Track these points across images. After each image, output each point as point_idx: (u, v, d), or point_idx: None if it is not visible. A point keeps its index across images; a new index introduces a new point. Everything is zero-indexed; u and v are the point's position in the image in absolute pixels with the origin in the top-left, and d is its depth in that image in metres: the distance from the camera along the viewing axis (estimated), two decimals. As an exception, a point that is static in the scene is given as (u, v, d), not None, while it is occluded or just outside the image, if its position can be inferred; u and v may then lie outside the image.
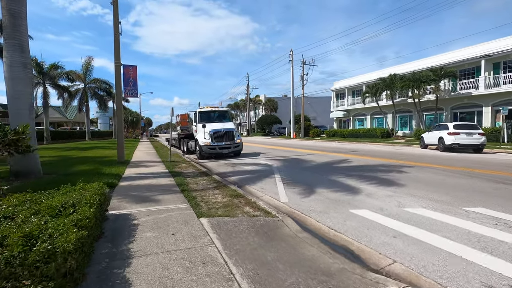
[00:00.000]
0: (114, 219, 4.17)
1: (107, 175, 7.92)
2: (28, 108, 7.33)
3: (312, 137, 34.92)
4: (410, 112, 27.75)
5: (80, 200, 3.24)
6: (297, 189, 6.46)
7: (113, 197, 5.55)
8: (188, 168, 10.07)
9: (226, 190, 6.14)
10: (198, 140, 13.48)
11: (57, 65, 28.49)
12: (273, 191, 6.37)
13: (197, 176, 8.23)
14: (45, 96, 27.42)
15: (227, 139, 13.42)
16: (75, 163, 11.09)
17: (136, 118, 58.30)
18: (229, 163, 11.63)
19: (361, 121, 33.86)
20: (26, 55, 7.29)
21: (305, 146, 21.05)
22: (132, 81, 11.78)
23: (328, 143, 24.77)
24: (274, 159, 12.42)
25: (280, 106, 56.15)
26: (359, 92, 33.84)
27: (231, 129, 13.63)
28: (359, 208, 4.88)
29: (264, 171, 9.20)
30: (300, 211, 4.81)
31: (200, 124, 13.87)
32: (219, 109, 15.11)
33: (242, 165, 11.03)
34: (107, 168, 9.55)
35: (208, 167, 10.66)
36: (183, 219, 4.14)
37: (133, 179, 7.60)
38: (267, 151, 17.09)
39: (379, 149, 17.12)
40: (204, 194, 5.80)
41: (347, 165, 10.23)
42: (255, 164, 11.15)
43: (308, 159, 12.11)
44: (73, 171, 8.62)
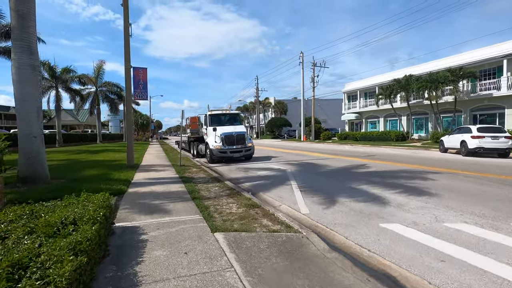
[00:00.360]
0: (120, 232, 3.80)
1: (116, 180, 7.62)
2: (36, 111, 7.11)
3: (323, 140, 34.23)
4: (425, 114, 26.79)
5: (82, 216, 2.87)
6: (317, 198, 5.98)
7: (120, 206, 5.21)
8: (199, 173, 9.71)
9: (241, 199, 5.72)
10: (209, 143, 13.14)
11: (70, 69, 28.83)
12: (291, 200, 5.91)
13: (209, 182, 7.85)
14: (58, 100, 27.72)
15: (238, 142, 13.04)
16: (84, 167, 10.89)
17: (146, 121, 58.75)
18: (241, 168, 11.22)
19: (374, 124, 32.98)
20: (34, 57, 7.08)
21: (317, 149, 20.47)
22: (142, 84, 11.55)
23: (340, 146, 24.11)
24: (288, 164, 11.94)
25: (290, 108, 55.57)
26: (371, 94, 33.00)
27: (243, 132, 13.24)
28: (390, 221, 4.37)
29: (279, 177, 8.75)
30: (324, 225, 4.34)
31: (210, 127, 13.53)
32: (230, 112, 14.77)
33: (254, 170, 10.60)
34: (116, 172, 9.28)
35: (220, 172, 10.28)
36: (196, 234, 3.74)
37: (142, 185, 7.27)
38: (279, 154, 16.62)
39: (396, 153, 16.42)
40: (217, 203, 5.40)
41: (366, 170, 9.67)
42: (268, 169, 10.70)
43: (323, 164, 11.59)
44: (82, 176, 8.37)
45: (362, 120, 34.23)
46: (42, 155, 7.25)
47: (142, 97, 11.60)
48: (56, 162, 13.09)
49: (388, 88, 25.16)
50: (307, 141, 35.33)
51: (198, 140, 16.67)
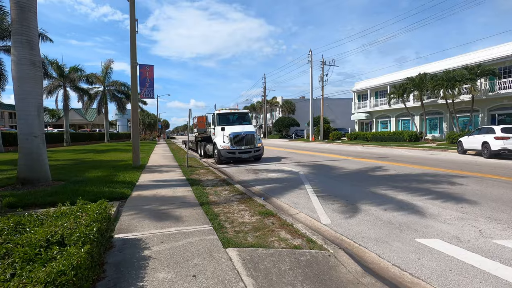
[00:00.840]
0: (120, 246, 3.33)
1: (120, 183, 7.21)
2: (36, 109, 6.74)
3: (332, 140, 33.49)
4: (440, 114, 25.84)
5: (72, 232, 2.41)
6: (337, 205, 5.44)
7: (123, 212, 4.76)
8: (207, 174, 9.25)
9: (253, 205, 5.22)
10: (217, 143, 12.69)
11: (78, 68, 28.82)
12: (308, 206, 5.38)
13: (217, 185, 7.37)
14: (66, 99, 27.71)
15: (247, 143, 12.54)
16: (89, 167, 10.55)
17: (154, 120, 58.79)
18: (250, 169, 10.72)
19: (385, 124, 32.08)
20: (35, 52, 6.71)
21: (328, 150, 19.84)
22: (148, 81, 11.16)
23: (351, 147, 23.40)
24: (299, 165, 11.40)
25: (298, 108, 54.88)
26: (382, 93, 32.12)
27: (252, 132, 12.74)
28: (427, 235, 3.81)
29: (291, 180, 8.22)
30: (351, 239, 3.80)
31: (218, 126, 13.07)
32: (239, 111, 14.29)
33: (264, 171, 10.09)
34: (120, 174, 8.89)
35: (228, 174, 9.80)
36: (206, 250, 3.25)
37: (147, 188, 6.84)
38: (288, 155, 16.07)
39: (411, 154, 15.68)
40: (227, 210, 4.91)
41: (385, 173, 9.06)
42: (279, 171, 10.17)
43: (336, 166, 11.00)
44: (85, 177, 7.99)
45: (373, 119, 33.35)
46: (43, 155, 6.88)
47: (148, 95, 11.21)
48: (62, 162, 12.82)
49: (401, 87, 24.29)
50: (315, 141, 34.64)
51: (206, 140, 16.24)
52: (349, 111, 52.51)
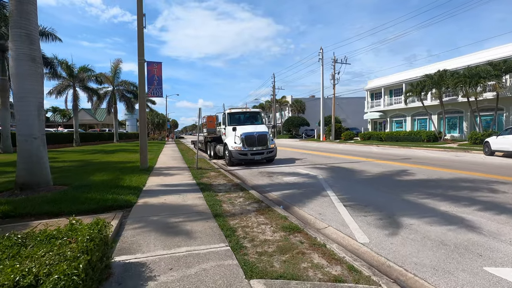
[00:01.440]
0: (121, 274, 2.72)
1: (125, 188, 6.65)
2: (36, 109, 6.24)
3: (344, 140, 32.52)
4: (459, 113, 24.61)
5: (51, 270, 1.79)
6: (370, 217, 4.72)
7: (126, 226, 4.17)
8: (218, 178, 8.64)
9: (274, 216, 4.57)
10: (228, 144, 12.07)
11: (87, 68, 28.70)
12: (337, 219, 4.68)
13: (230, 190, 6.74)
14: (75, 99, 27.62)
15: (260, 143, 11.88)
16: (95, 170, 10.09)
17: (163, 120, 58.79)
18: (264, 172, 10.06)
19: (399, 123, 30.90)
20: (35, 47, 6.21)
21: (343, 150, 19.00)
22: (157, 79, 10.63)
23: (365, 147, 22.47)
24: (316, 168, 10.67)
25: (307, 107, 53.95)
26: (397, 91, 30.96)
27: (264, 132, 12.08)
28: (497, 262, 3.07)
29: (311, 185, 7.51)
30: (401, 265, 3.09)
31: (230, 126, 12.46)
32: (250, 110, 13.65)
33: (279, 174, 9.41)
34: (127, 177, 8.37)
35: (241, 177, 9.17)
36: (224, 282, 2.60)
37: (154, 194, 6.26)
38: (302, 156, 15.34)
39: (434, 155, 14.73)
40: (245, 223, 4.26)
41: (413, 178, 8.25)
42: (294, 174, 9.48)
43: (356, 169, 10.23)
44: (89, 181, 7.48)
45: (387, 119, 32.21)
46: (43, 158, 6.38)
47: (156, 93, 10.67)
48: (68, 163, 12.44)
49: (419, 85, 23.17)
50: (326, 141, 33.74)
51: (216, 140, 15.67)
52: (360, 110, 51.25)
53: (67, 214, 4.69)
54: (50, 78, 25.84)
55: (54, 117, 53.34)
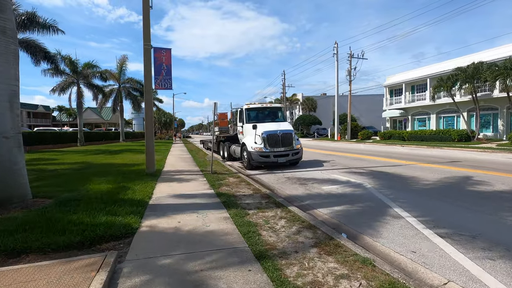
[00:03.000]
0: None
1: (126, 202, 5.07)
2: (7, 99, 4.70)
3: (362, 139, 30.59)
4: (493, 110, 22.46)
5: None
6: (501, 260, 3.02)
7: (122, 277, 2.57)
8: (240, 185, 7.03)
9: (349, 259, 2.93)
10: (246, 144, 10.44)
11: (92, 64, 27.43)
12: (448, 264, 3.00)
13: (262, 205, 5.12)
14: (79, 96, 26.35)
15: (284, 144, 10.22)
16: (93, 174, 8.58)
17: (170, 119, 57.59)
18: (292, 178, 8.41)
19: (423, 121, 28.79)
20: (5, 15, 4.66)
21: (368, 151, 17.19)
22: (165, 69, 9.07)
23: (390, 147, 20.58)
24: (353, 173, 8.96)
25: (319, 105, 52.00)
26: (420, 87, 28.85)
27: (290, 131, 10.41)
28: None
29: (364, 198, 5.82)
30: None
31: (248, 124, 10.83)
32: (271, 105, 11.96)
33: (313, 181, 7.73)
34: (130, 184, 6.82)
35: (268, 185, 7.53)
36: None
37: (164, 212, 4.67)
38: (326, 157, 13.62)
39: (482, 157, 12.83)
40: (313, 277, 2.61)
41: (492, 188, 6.47)
42: (332, 181, 7.79)
43: (405, 174, 8.48)
44: (81, 192, 5.93)
45: (408, 117, 30.12)
46: (18, 164, 4.84)
47: (165, 85, 9.10)
48: (66, 166, 10.99)
49: (450, 79, 21.12)
50: (342, 140, 31.86)
51: (230, 140, 14.07)
52: (373, 108, 49.07)
53: (36, 251, 3.13)
54: (53, 74, 24.66)
55: (60, 116, 52.59)
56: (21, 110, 42.34)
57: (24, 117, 47.67)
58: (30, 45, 18.03)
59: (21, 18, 17.26)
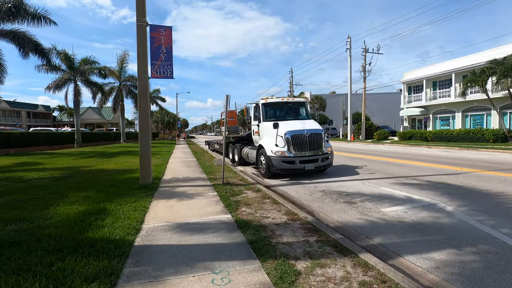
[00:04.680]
0: None
1: (95, 247, 3.12)
2: None
3: (378, 139, 28.44)
4: (530, 107, 20.22)
5: None
6: None
7: None
8: (265, 205, 5.10)
9: None
10: (265, 147, 8.48)
11: (90, 60, 25.64)
12: None
13: (314, 250, 3.20)
14: (76, 94, 24.60)
15: (312, 146, 8.23)
16: (72, 187, 6.69)
17: (173, 118, 55.85)
18: (329, 191, 6.42)
19: (446, 120, 26.54)
20: None
21: (396, 154, 15.12)
22: (164, 52, 7.15)
23: (417, 149, 18.46)
24: (408, 185, 6.94)
25: (328, 104, 49.82)
26: (443, 83, 26.61)
27: (319, 130, 8.43)
28: None
29: (462, 232, 3.82)
30: None
31: (267, 122, 8.90)
32: (293, 100, 9.94)
33: (362, 198, 5.74)
34: (114, 204, 4.92)
35: (301, 204, 5.57)
36: None
37: (155, 271, 2.72)
38: (354, 162, 11.61)
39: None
40: None
41: None
42: (389, 198, 5.78)
43: (482, 188, 6.44)
44: (34, 223, 4.00)
45: (429, 115, 27.89)
46: None
47: (164, 73, 7.16)
48: (46, 173, 9.12)
49: (485, 72, 18.94)
50: (356, 141, 29.75)
51: (241, 141, 12.16)
52: (384, 107, 46.77)
53: None
54: (48, 70, 22.97)
55: (61, 116, 51.15)
56: (20, 110, 40.88)
57: (23, 117, 46.27)
58: (17, 36, 16.26)
59: (7, 5, 15.49)
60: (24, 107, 46.81)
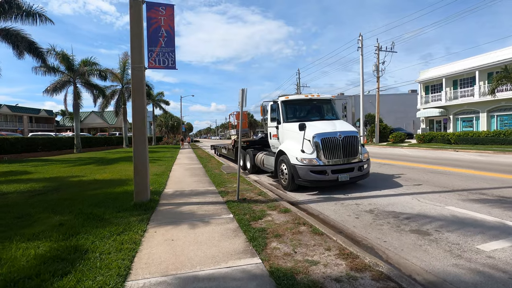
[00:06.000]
0: None
1: None
2: None
3: (394, 142, 26.71)
4: None
5: None
6: None
7: None
8: (303, 238, 3.60)
9: None
10: (287, 153, 6.95)
11: (91, 61, 24.45)
12: None
13: None
14: (76, 97, 23.41)
15: (347, 152, 6.68)
16: (49, 206, 5.26)
17: (177, 122, 54.64)
18: (380, 212, 4.87)
19: (469, 121, 24.72)
20: None
21: (426, 159, 13.49)
22: (165, 36, 5.73)
23: (444, 153, 16.77)
24: (483, 202, 5.35)
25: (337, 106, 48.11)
26: (465, 82, 24.84)
27: (353, 132, 6.89)
28: None
29: None
30: None
31: (289, 123, 7.41)
32: (319, 97, 8.35)
33: (434, 224, 4.18)
34: (91, 239, 3.47)
35: (352, 234, 4.02)
36: None
37: None
38: (384, 169, 10.02)
39: None
40: None
41: None
42: (480, 226, 4.20)
43: None
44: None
45: (449, 116, 26.09)
46: None
47: (164, 62, 5.72)
48: (30, 185, 7.71)
49: (520, 67, 17.22)
50: (369, 144, 28.04)
51: (254, 145, 10.68)
52: (395, 109, 44.96)
53: None
54: (46, 72, 21.82)
55: (64, 120, 50.27)
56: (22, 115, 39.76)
57: (25, 122, 45.39)
58: (10, 33, 15.07)
59: (-2, 0, 14.32)
60: (26, 111, 45.96)
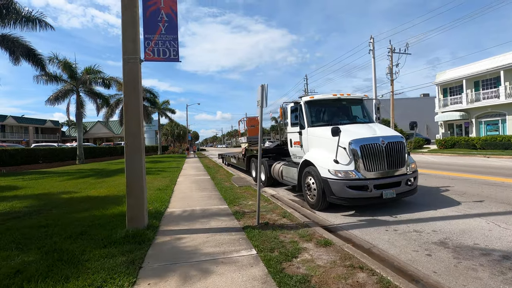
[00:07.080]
0: None
1: None
2: None
3: (412, 148, 25.11)
4: None
5: None
6: None
7: None
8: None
9: None
10: (316, 164, 5.66)
11: (94, 70, 23.71)
12: None
13: None
14: (79, 106, 22.60)
15: (391, 163, 5.35)
16: (19, 238, 4.08)
17: (183, 131, 53.83)
18: (457, 246, 3.53)
19: (494, 125, 23.06)
20: None
21: (458, 166, 12.04)
22: (165, 20, 4.61)
23: (475, 159, 15.24)
24: None
25: (346, 111, 46.75)
26: (488, 82, 23.30)
27: (398, 137, 5.59)
28: None
29: None
30: None
31: (315, 128, 6.17)
32: (348, 97, 7.03)
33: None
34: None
35: None
36: None
37: None
38: (424, 181, 8.62)
39: None
40: None
41: None
42: None
43: None
44: None
45: (471, 120, 24.47)
46: None
47: (165, 53, 4.57)
48: (14, 203, 6.56)
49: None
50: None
51: (268, 154, 9.41)
52: (408, 113, 43.30)
53: None
54: (48, 81, 21.11)
55: (70, 131, 49.93)
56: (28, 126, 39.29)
57: (31, 133, 45.07)
58: (6, 39, 14.30)
59: None
60: (32, 122, 45.72)
